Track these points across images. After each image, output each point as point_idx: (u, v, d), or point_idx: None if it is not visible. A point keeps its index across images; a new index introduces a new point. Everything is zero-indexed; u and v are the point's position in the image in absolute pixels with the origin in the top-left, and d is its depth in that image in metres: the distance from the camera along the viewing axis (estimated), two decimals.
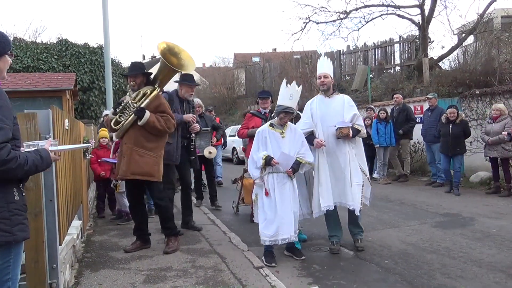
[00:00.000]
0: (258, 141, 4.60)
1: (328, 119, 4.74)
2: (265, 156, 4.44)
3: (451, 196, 8.06)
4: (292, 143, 4.59)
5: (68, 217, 3.83)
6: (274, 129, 4.60)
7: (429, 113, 9.23)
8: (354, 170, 4.68)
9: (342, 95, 4.89)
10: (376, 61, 17.04)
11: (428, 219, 6.32)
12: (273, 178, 4.48)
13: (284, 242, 4.47)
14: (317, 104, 4.81)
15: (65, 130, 3.79)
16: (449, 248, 4.90)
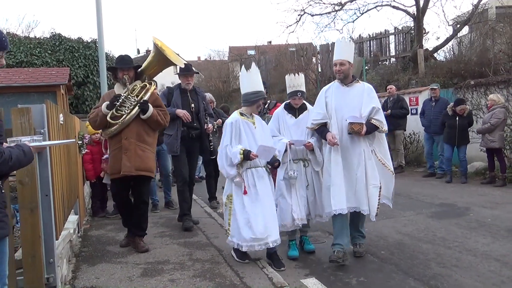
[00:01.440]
0: (231, 133, 4.17)
1: (343, 111, 4.17)
2: (242, 150, 4.04)
3: (447, 187, 8.11)
4: (265, 133, 4.32)
5: (64, 212, 3.83)
6: (247, 119, 4.24)
7: (433, 104, 9.22)
8: (371, 170, 4.11)
9: (362, 84, 4.29)
10: (371, 53, 17.02)
11: (424, 209, 6.37)
12: (252, 174, 4.14)
13: (274, 245, 4.05)
14: (333, 93, 4.25)
15: (60, 125, 3.77)
16: (444, 238, 4.94)
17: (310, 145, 4.34)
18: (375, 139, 4.23)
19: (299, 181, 4.38)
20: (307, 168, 4.45)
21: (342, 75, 4.19)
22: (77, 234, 5.04)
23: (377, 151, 4.22)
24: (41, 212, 2.95)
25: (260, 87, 4.24)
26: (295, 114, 4.54)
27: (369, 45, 17.25)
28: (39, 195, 2.94)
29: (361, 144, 4.15)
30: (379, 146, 4.26)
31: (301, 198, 4.40)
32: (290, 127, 4.51)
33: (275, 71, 19.00)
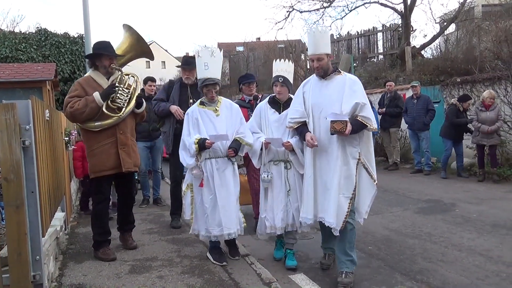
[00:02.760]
0: (188, 124, 4.04)
1: (320, 108, 3.62)
2: (197, 140, 3.91)
3: (433, 183, 8.20)
4: (230, 121, 4.07)
5: (50, 209, 3.79)
6: (206, 107, 4.08)
7: (415, 101, 9.32)
8: (346, 178, 3.53)
9: (344, 76, 3.64)
10: (359, 50, 17.11)
11: (411, 205, 6.44)
12: (212, 164, 3.99)
13: (230, 238, 4.03)
14: (311, 87, 3.73)
15: (46, 121, 3.73)
16: (431, 233, 5.01)
17: (289, 145, 3.88)
18: (362, 140, 3.61)
19: (279, 185, 4.00)
20: (289, 171, 4.00)
21: (322, 71, 3.65)
22: (64, 231, 4.99)
23: (362, 154, 3.59)
24: (27, 209, 2.91)
25: (204, 74, 3.96)
26: (279, 109, 4.09)
27: (358, 42, 17.34)
28: (25, 192, 2.91)
29: (340, 146, 3.54)
30: (365, 148, 3.64)
31: (278, 204, 3.98)
32: (271, 124, 4.09)
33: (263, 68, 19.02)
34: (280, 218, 3.98)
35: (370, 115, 3.50)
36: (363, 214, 3.68)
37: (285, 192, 4.01)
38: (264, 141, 4.02)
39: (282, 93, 4.04)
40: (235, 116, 4.14)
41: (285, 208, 3.99)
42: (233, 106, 4.18)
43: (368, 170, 3.60)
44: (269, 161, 4.07)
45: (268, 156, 4.05)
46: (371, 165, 3.63)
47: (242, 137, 4.07)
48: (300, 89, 3.81)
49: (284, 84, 4.01)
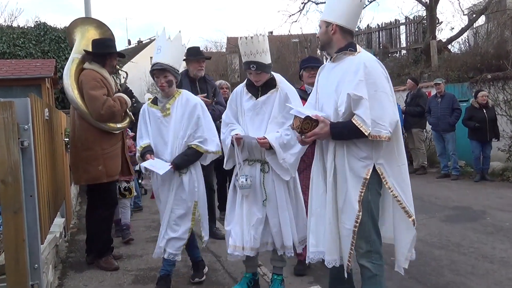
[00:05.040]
0: (141, 124, 3.74)
1: (321, 103, 2.94)
2: (141, 148, 3.63)
3: (461, 188, 8.12)
4: (179, 123, 3.58)
5: (50, 214, 3.83)
6: (153, 106, 3.69)
7: (439, 100, 9.25)
8: (346, 203, 2.74)
9: (359, 56, 2.79)
10: (380, 45, 17.01)
11: (437, 213, 6.37)
12: (156, 176, 3.64)
13: (172, 257, 3.70)
14: (323, 74, 3.06)
15: (45, 121, 3.77)
16: (459, 243, 4.94)
17: (265, 142, 3.29)
18: (381, 148, 2.72)
19: (252, 192, 3.43)
20: (267, 175, 3.43)
21: (319, 44, 3.10)
22: (63, 238, 5.04)
23: (386, 171, 2.75)
24: (25, 214, 2.94)
25: (155, 58, 3.57)
26: (257, 94, 3.49)
27: (378, 36, 17.25)
28: (23, 196, 2.94)
29: (335, 155, 2.80)
30: (389, 165, 2.76)
31: (250, 217, 3.43)
32: (245, 113, 3.49)
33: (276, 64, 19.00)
34: (252, 236, 3.38)
35: (366, 114, 2.60)
36: (402, 261, 2.92)
37: (260, 202, 3.44)
38: (234, 135, 3.39)
39: (260, 79, 3.44)
40: (189, 115, 3.60)
41: (260, 223, 3.42)
42: (189, 102, 3.64)
43: (399, 200, 2.75)
44: (244, 160, 3.51)
45: (242, 154, 3.48)
46: (403, 192, 2.75)
47: (199, 143, 3.58)
48: (317, 76, 3.15)
49: (259, 70, 3.38)
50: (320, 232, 2.90)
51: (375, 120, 2.61)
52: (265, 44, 3.40)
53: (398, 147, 2.78)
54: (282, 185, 3.45)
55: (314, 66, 4.23)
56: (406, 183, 2.79)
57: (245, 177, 3.39)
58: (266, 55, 3.40)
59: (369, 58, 2.79)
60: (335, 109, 2.75)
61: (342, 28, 2.86)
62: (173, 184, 3.62)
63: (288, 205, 3.47)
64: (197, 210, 3.70)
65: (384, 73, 2.76)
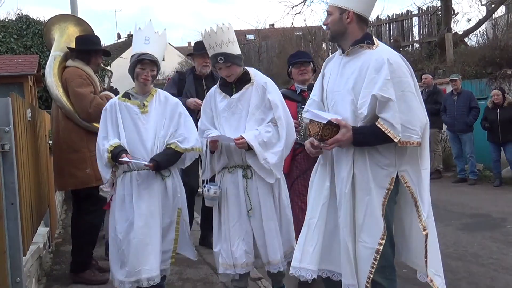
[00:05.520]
0: (106, 122, 3.51)
1: (333, 102, 2.78)
2: (111, 148, 3.37)
3: (479, 194, 8.12)
4: (160, 122, 3.50)
5: (33, 223, 3.83)
6: (129, 101, 3.53)
7: (455, 98, 9.25)
8: (369, 217, 2.61)
9: (379, 50, 2.66)
10: (391, 38, 17.02)
11: (453, 220, 6.37)
12: (130, 179, 3.43)
13: (151, 284, 3.34)
14: (331, 67, 2.88)
15: (28, 122, 3.78)
16: (477, 253, 4.94)
17: (242, 142, 3.21)
18: (405, 153, 2.64)
19: (235, 203, 3.36)
20: (250, 181, 3.35)
21: (330, 34, 2.84)
22: (47, 249, 5.05)
23: (411, 178, 2.66)
24: (6, 224, 2.95)
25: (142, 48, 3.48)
26: (231, 91, 3.44)
27: (389, 29, 17.27)
28: (4, 203, 2.94)
29: (354, 163, 2.66)
30: (414, 167, 2.68)
31: (237, 231, 3.37)
32: (220, 114, 3.44)
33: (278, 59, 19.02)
34: (244, 251, 3.33)
35: (395, 118, 2.49)
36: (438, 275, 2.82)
37: (244, 213, 3.35)
38: (208, 137, 3.33)
39: (232, 73, 3.37)
40: (170, 113, 3.54)
41: (248, 236, 3.37)
42: (169, 101, 3.59)
43: (419, 212, 2.66)
44: (223, 168, 3.45)
45: (219, 161, 3.42)
46: (423, 202, 2.67)
47: (179, 142, 3.45)
48: (322, 70, 2.99)
49: (229, 62, 3.31)
50: (309, 245, 2.75)
51: (404, 125, 2.51)
52: (231, 33, 3.35)
53: (422, 151, 2.69)
54: (267, 192, 3.38)
55: (305, 61, 4.15)
56: (426, 190, 2.69)
57: (209, 187, 3.35)
58: (233, 45, 3.35)
59: (391, 53, 2.68)
60: (352, 111, 2.65)
61: (359, 16, 2.71)
62: (155, 189, 3.44)
63: (273, 215, 3.40)
64: (181, 218, 3.60)
65: (408, 69, 2.66)
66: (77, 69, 4.34)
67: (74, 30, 4.71)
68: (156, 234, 3.40)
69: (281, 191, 3.49)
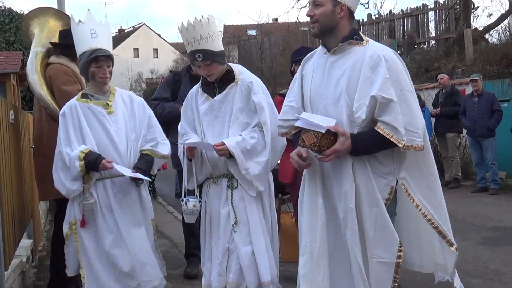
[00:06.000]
0: (67, 128, 3.41)
1: (322, 105, 2.68)
2: (83, 154, 3.29)
3: (502, 205, 8.09)
4: (130, 122, 3.50)
5: (15, 235, 3.83)
6: (91, 101, 3.46)
7: (475, 100, 9.23)
8: (380, 230, 2.58)
9: (370, 47, 2.62)
10: (405, 34, 17.04)
11: (473, 234, 6.34)
12: (106, 188, 3.40)
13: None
14: (314, 67, 2.79)
15: (10, 125, 3.78)
16: (499, 270, 4.92)
17: (223, 148, 3.11)
18: (404, 159, 2.63)
19: (217, 216, 3.27)
20: (236, 192, 3.26)
21: (318, 28, 2.67)
22: (31, 263, 5.04)
23: (410, 187, 2.65)
24: None
25: (91, 44, 3.40)
26: (213, 92, 3.33)
27: (402, 24, 17.28)
28: None
29: (353, 172, 2.60)
30: (415, 173, 2.68)
31: (217, 249, 3.27)
32: (201, 117, 3.35)
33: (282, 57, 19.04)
34: (216, 272, 3.24)
35: (397, 121, 2.47)
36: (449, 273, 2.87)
37: (227, 228, 3.24)
38: (184, 144, 3.27)
39: (212, 73, 3.25)
40: (139, 113, 3.55)
41: (224, 254, 3.23)
42: (134, 100, 3.60)
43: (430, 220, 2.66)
44: (208, 178, 3.38)
45: (201, 171, 3.35)
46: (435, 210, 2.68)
47: (152, 147, 3.52)
48: (299, 71, 2.92)
49: (208, 59, 3.19)
50: (316, 274, 2.65)
51: (406, 127, 2.49)
52: (211, 27, 3.22)
53: (424, 156, 2.67)
54: (255, 203, 3.26)
55: None
56: (438, 198, 2.70)
57: (196, 200, 3.26)
58: (214, 41, 3.22)
59: (385, 49, 2.66)
60: (347, 115, 2.58)
61: (350, 11, 2.69)
62: (133, 198, 3.47)
63: (263, 228, 3.27)
64: (155, 230, 3.67)
65: (404, 66, 2.66)
66: (61, 66, 4.32)
67: (55, 24, 4.69)
68: (146, 244, 3.47)
69: (272, 200, 3.44)
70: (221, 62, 3.27)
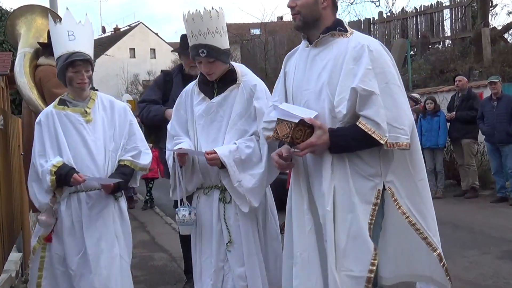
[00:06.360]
0: (42, 137, 3.34)
1: (304, 100, 2.64)
2: (55, 169, 3.20)
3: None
4: (109, 131, 3.41)
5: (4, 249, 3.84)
6: (69, 109, 3.38)
7: (494, 104, 9.22)
8: (353, 240, 2.46)
9: (354, 38, 2.58)
10: (418, 33, 17.06)
11: (492, 247, 6.32)
12: (80, 201, 3.30)
13: None
14: (296, 62, 2.77)
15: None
16: None
17: (214, 157, 3.01)
18: (390, 160, 2.54)
19: (209, 232, 3.17)
20: (229, 206, 3.15)
21: (300, 20, 2.64)
22: (20, 278, 5.04)
23: (398, 192, 2.53)
24: None
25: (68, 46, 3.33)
26: (211, 93, 3.22)
27: (415, 23, 17.33)
28: None
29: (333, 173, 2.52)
30: (403, 177, 2.57)
31: (207, 267, 3.19)
32: (195, 120, 3.24)
33: None
34: None
35: (379, 115, 2.41)
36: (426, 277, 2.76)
37: (221, 246, 3.14)
38: (175, 150, 3.14)
39: (214, 71, 3.15)
40: (120, 120, 3.47)
41: (218, 275, 3.14)
42: (115, 106, 3.52)
43: (418, 229, 2.54)
44: (198, 188, 3.27)
45: (192, 179, 3.24)
46: (423, 217, 2.56)
47: (132, 157, 3.43)
48: (282, 69, 2.90)
49: (212, 56, 3.08)
50: (308, 280, 2.59)
51: (390, 123, 2.42)
52: (221, 22, 3.12)
53: (412, 157, 2.59)
54: (250, 220, 3.14)
55: None
56: (427, 205, 2.60)
57: (188, 209, 3.12)
58: (221, 37, 3.13)
59: (370, 39, 2.63)
60: (329, 110, 2.53)
61: (334, 1, 2.68)
62: (110, 213, 3.37)
63: (257, 248, 3.16)
64: None
65: (391, 59, 2.60)
66: (51, 67, 4.27)
67: (43, 23, 4.66)
68: (117, 267, 3.34)
69: (268, 218, 3.29)
70: (225, 61, 3.18)
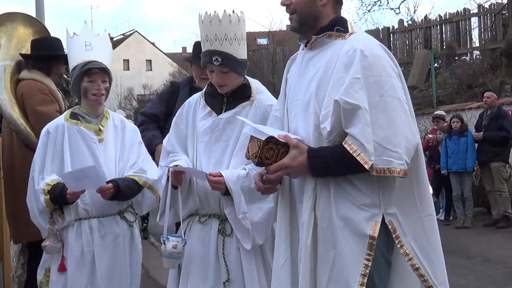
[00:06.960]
0: (46, 149, 3.38)
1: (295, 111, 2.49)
2: (48, 187, 3.23)
3: None
4: (120, 150, 3.50)
5: None
6: (82, 124, 3.42)
7: None
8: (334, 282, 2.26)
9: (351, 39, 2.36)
10: (443, 44, 17.09)
11: None
12: (90, 229, 3.32)
13: None
14: (294, 68, 2.63)
15: None
16: None
17: (218, 180, 2.84)
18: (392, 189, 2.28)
19: (200, 267, 2.99)
20: (229, 240, 2.99)
21: (296, 21, 2.47)
22: None
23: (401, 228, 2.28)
24: None
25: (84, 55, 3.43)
26: (219, 107, 3.08)
27: (440, 32, 17.34)
28: None
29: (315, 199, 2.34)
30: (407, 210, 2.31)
31: None
32: (198, 136, 3.09)
33: None
34: None
35: (365, 135, 2.17)
36: None
37: (216, 285, 2.96)
38: (170, 167, 2.95)
39: (226, 83, 3.01)
40: (130, 142, 3.55)
41: None
42: (126, 127, 3.60)
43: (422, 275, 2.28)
44: (192, 214, 3.09)
45: (187, 203, 3.05)
46: (429, 261, 2.30)
47: (135, 172, 3.43)
48: (284, 74, 2.74)
49: (227, 66, 2.94)
50: None
51: (381, 144, 2.17)
52: (241, 28, 3.01)
53: (419, 188, 2.35)
54: (253, 256, 2.97)
55: None
56: (434, 247, 2.35)
57: (182, 239, 2.94)
58: (239, 46, 3.00)
59: (369, 42, 2.39)
60: (315, 127, 2.32)
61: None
62: (123, 241, 3.40)
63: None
64: None
65: (394, 67, 2.36)
66: (35, 82, 4.32)
67: (25, 32, 4.69)
68: None
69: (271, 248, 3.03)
70: (240, 73, 3.05)
